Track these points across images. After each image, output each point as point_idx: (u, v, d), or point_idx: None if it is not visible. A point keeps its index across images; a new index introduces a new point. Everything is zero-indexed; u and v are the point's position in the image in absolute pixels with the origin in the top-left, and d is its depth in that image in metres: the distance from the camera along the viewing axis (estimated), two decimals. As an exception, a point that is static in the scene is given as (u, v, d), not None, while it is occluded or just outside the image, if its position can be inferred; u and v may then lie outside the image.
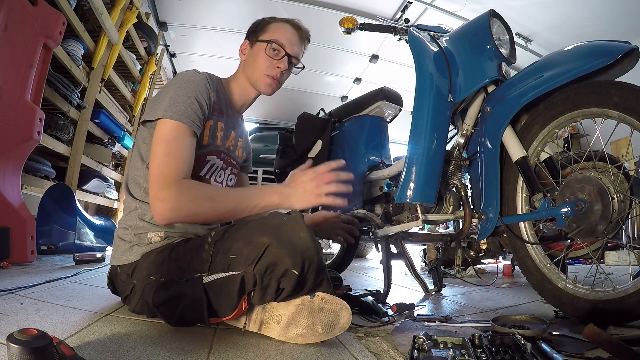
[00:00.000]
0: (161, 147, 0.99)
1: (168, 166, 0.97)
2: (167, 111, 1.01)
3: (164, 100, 1.04)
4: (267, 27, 1.24)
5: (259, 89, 1.24)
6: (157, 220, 0.98)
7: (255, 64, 1.21)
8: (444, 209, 1.55)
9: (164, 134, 1.00)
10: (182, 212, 0.96)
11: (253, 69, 1.21)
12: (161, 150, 0.99)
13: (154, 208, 0.96)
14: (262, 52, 1.20)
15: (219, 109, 1.17)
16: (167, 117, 1.01)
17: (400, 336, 1.01)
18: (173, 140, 1.00)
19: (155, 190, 0.96)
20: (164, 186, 0.95)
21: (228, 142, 1.23)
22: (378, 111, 2.02)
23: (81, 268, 1.91)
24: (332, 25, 1.83)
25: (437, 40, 1.48)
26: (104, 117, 3.15)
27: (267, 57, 1.20)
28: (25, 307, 1.06)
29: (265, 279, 0.88)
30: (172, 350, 0.82)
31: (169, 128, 1.01)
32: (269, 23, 1.25)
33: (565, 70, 1.16)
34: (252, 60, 1.22)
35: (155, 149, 1.00)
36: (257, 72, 1.21)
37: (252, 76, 1.22)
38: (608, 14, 3.71)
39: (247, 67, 1.23)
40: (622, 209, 1.08)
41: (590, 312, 1.09)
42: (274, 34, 1.22)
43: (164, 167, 0.97)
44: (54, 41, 2.07)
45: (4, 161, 1.86)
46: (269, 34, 1.22)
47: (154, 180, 0.97)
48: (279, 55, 1.21)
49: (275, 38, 1.21)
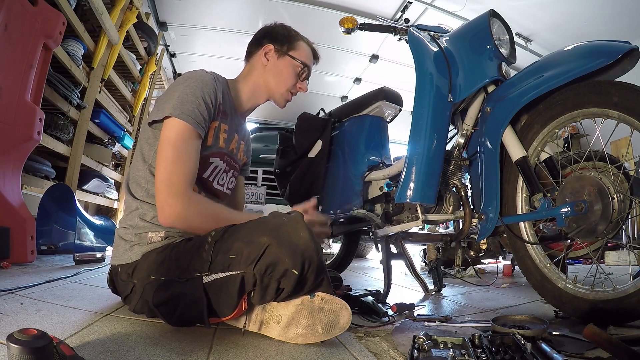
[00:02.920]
0: (169, 151, 1.00)
1: (176, 172, 0.99)
2: (175, 110, 1.02)
3: (171, 98, 1.04)
4: (297, 44, 1.28)
5: (277, 101, 1.28)
6: (162, 222, 1.00)
7: (282, 77, 1.25)
8: (444, 209, 1.55)
9: (171, 137, 1.01)
10: (187, 223, 1.00)
11: (278, 81, 1.25)
12: (169, 155, 1.00)
13: (162, 211, 0.99)
14: (292, 69, 1.25)
15: (223, 111, 1.17)
16: (175, 116, 1.02)
17: (400, 336, 1.01)
18: (181, 145, 1.01)
19: (164, 195, 0.98)
20: (172, 193, 0.98)
21: (232, 144, 1.23)
22: (378, 111, 2.02)
23: (81, 268, 1.91)
24: (332, 25, 1.83)
25: (437, 40, 1.48)
26: (104, 117, 3.15)
27: (295, 76, 1.25)
28: (25, 307, 1.06)
29: (265, 279, 0.88)
30: (172, 350, 0.81)
31: (177, 130, 1.01)
32: (298, 40, 1.29)
33: (565, 70, 1.16)
34: (279, 72, 1.25)
35: (163, 153, 1.01)
36: (282, 87, 1.25)
37: (274, 87, 1.26)
38: (608, 14, 3.71)
39: (270, 76, 1.25)
40: (622, 209, 1.08)
41: (590, 312, 1.09)
42: (302, 54, 1.28)
43: (172, 173, 0.99)
44: (54, 41, 2.07)
45: (4, 161, 1.86)
46: (299, 53, 1.27)
47: (162, 185, 0.99)
48: (303, 76, 1.28)
49: (305, 61, 1.27)
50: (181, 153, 1.01)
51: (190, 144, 1.03)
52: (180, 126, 1.02)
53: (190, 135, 1.03)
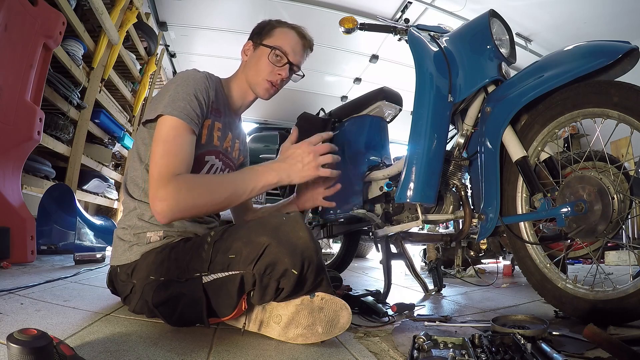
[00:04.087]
0: (160, 147, 0.99)
1: (166, 165, 0.97)
2: (166, 107, 1.01)
3: (163, 98, 1.04)
4: (273, 31, 1.24)
5: (257, 92, 1.24)
6: (159, 220, 0.97)
7: (257, 67, 1.21)
8: (444, 209, 1.55)
9: (163, 133, 1.00)
10: (182, 206, 0.96)
11: (254, 72, 1.22)
12: (160, 150, 0.99)
13: (155, 208, 0.96)
14: (265, 57, 1.21)
15: (216, 109, 1.17)
16: (167, 114, 1.01)
17: (400, 336, 1.00)
18: (172, 140, 1.00)
19: (154, 190, 0.96)
20: (161, 184, 0.95)
21: (225, 142, 1.23)
22: (378, 111, 2.02)
23: (81, 268, 1.91)
24: (332, 25, 1.83)
25: (437, 40, 1.48)
26: (104, 117, 3.15)
27: (269, 62, 1.20)
28: (25, 307, 1.06)
29: (264, 278, 0.88)
30: (172, 350, 0.81)
31: (169, 126, 1.01)
32: (274, 27, 1.25)
33: (565, 70, 1.16)
34: (254, 63, 1.22)
35: (155, 149, 1.00)
36: (258, 76, 1.22)
37: (252, 79, 1.23)
38: (608, 14, 3.71)
39: (248, 69, 1.23)
40: (622, 209, 1.08)
41: (590, 312, 1.09)
42: (278, 39, 1.22)
43: (161, 167, 0.97)
44: (54, 41, 2.07)
45: (4, 161, 1.86)
46: (273, 39, 1.22)
47: (152, 181, 0.97)
48: (281, 62, 1.22)
49: (279, 44, 1.21)
50: (172, 147, 0.99)
51: (182, 138, 1.01)
52: (172, 122, 1.01)
53: (183, 131, 1.01)
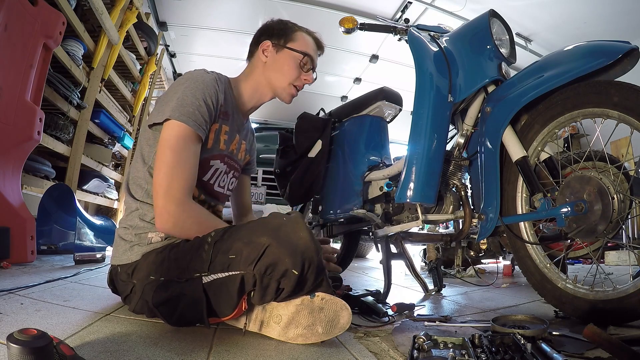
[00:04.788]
0: (168, 155, 0.99)
1: (176, 179, 0.99)
2: (174, 112, 1.01)
3: (171, 100, 1.03)
4: (295, 35, 1.25)
5: (281, 96, 1.25)
6: (159, 228, 1.01)
7: (282, 71, 1.21)
8: (444, 209, 1.55)
9: (171, 140, 1.00)
10: (184, 231, 1.00)
11: (279, 76, 1.22)
12: (169, 159, 0.99)
13: (160, 217, 0.99)
14: (292, 61, 1.21)
15: (224, 112, 1.16)
16: (175, 118, 1.01)
17: (400, 336, 1.00)
18: (181, 149, 1.00)
19: (163, 201, 0.98)
20: (171, 201, 0.98)
21: (232, 145, 1.23)
22: (378, 111, 2.02)
23: (81, 268, 1.91)
24: (332, 25, 1.83)
25: (437, 40, 1.48)
26: (104, 117, 3.15)
27: (296, 67, 1.22)
28: (25, 307, 1.06)
29: (265, 279, 0.88)
30: (172, 350, 0.81)
31: (176, 133, 1.01)
32: (295, 31, 1.26)
33: (565, 70, 1.16)
34: (278, 66, 1.22)
35: (162, 157, 1.00)
36: (284, 81, 1.22)
37: (276, 83, 1.23)
38: (608, 14, 3.72)
39: (271, 71, 1.22)
40: (622, 209, 1.08)
41: (590, 312, 1.09)
42: (302, 45, 1.24)
43: (172, 179, 0.98)
44: (54, 41, 2.07)
45: (4, 161, 1.86)
46: (298, 44, 1.23)
47: (161, 190, 0.98)
48: (307, 68, 1.23)
49: (305, 50, 1.23)
50: (181, 158, 1.00)
51: (190, 147, 1.02)
52: (180, 128, 1.01)
53: (191, 138, 1.02)
